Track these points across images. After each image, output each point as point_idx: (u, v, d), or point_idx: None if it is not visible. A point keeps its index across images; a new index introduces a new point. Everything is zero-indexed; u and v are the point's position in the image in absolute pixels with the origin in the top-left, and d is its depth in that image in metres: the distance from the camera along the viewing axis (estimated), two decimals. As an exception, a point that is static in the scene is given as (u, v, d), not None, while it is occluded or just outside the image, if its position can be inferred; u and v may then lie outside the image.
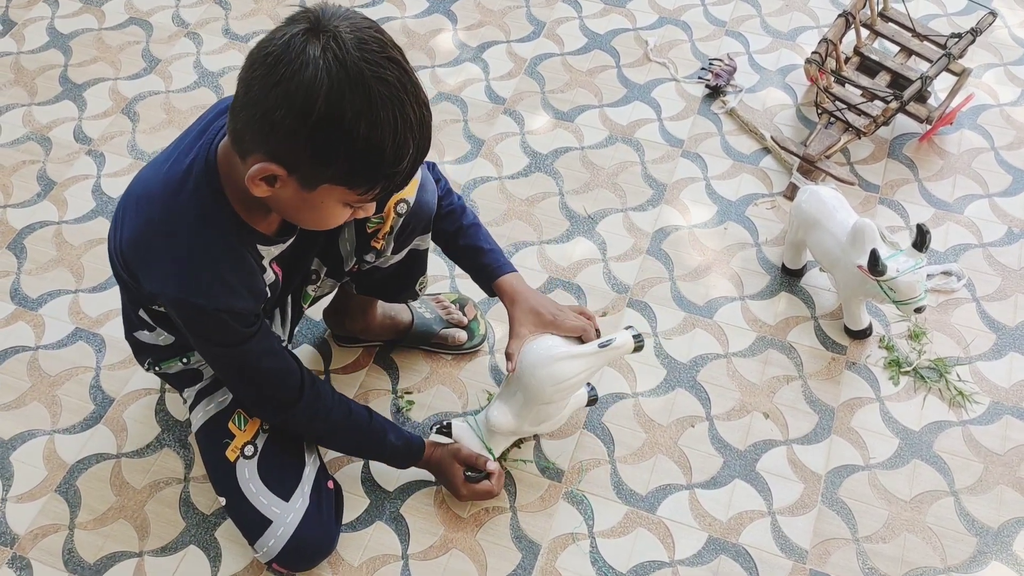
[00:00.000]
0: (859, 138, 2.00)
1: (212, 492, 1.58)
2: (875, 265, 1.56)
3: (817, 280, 1.86)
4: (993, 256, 1.90)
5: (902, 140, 2.10)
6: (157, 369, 1.52)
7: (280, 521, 1.41)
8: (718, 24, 2.36)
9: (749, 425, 1.67)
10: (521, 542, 1.55)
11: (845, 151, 2.07)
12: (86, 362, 1.76)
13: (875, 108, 1.97)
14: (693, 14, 2.38)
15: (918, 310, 1.61)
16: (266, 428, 1.46)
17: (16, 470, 1.63)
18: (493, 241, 1.55)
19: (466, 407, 1.70)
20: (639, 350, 1.51)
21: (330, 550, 1.50)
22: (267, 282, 1.31)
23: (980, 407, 1.69)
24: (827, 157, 1.98)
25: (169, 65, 2.29)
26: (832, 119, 2.02)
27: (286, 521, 1.42)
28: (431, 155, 2.08)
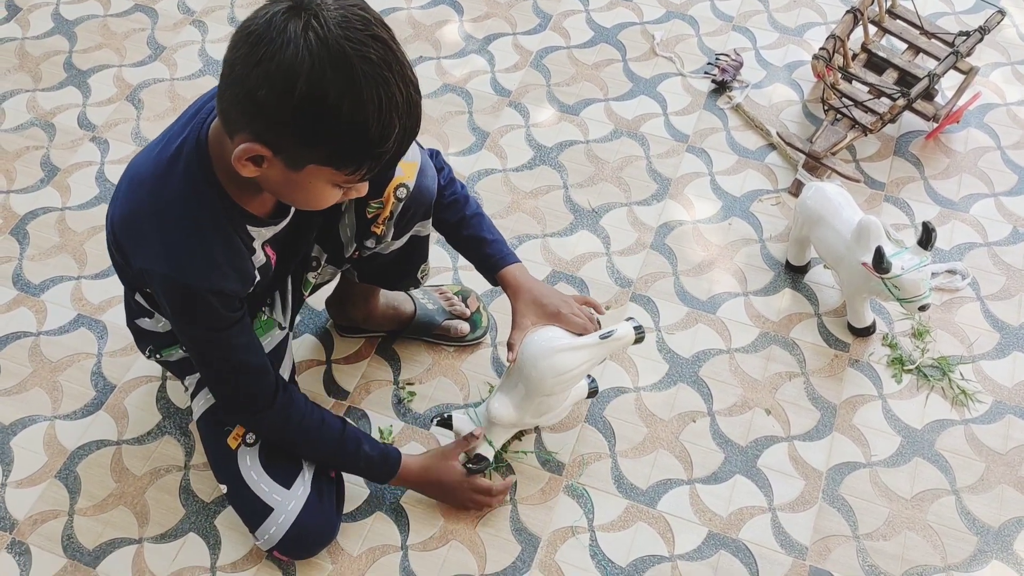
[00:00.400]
0: (865, 135, 2.00)
1: (212, 480, 1.58)
2: (880, 262, 1.56)
3: (821, 277, 1.86)
4: (998, 255, 1.89)
5: (908, 138, 2.09)
6: (158, 357, 1.52)
7: (281, 509, 1.41)
8: (725, 19, 2.35)
9: (751, 421, 1.67)
10: (521, 534, 1.54)
11: (851, 148, 2.07)
12: (88, 348, 1.76)
13: (882, 105, 1.97)
14: (700, 9, 2.37)
15: (922, 308, 1.61)
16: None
17: (16, 455, 1.63)
18: (497, 231, 1.54)
19: (468, 399, 1.70)
20: (640, 342, 1.50)
21: (331, 539, 1.49)
22: (257, 264, 1.29)
23: (983, 406, 1.69)
24: (833, 154, 1.97)
25: (174, 53, 2.29)
26: (838, 116, 2.01)
27: (287, 509, 1.41)
28: (434, 144, 2.08)
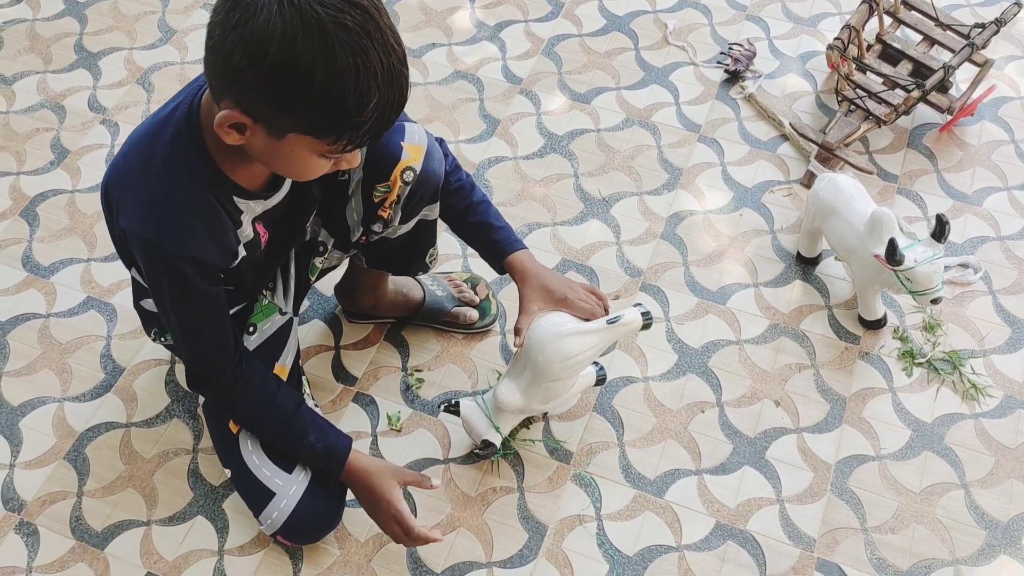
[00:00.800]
0: (879, 127, 1.98)
1: (220, 464, 1.58)
2: (893, 254, 1.55)
3: (832, 269, 1.85)
4: (1010, 249, 1.88)
5: (922, 130, 2.08)
6: (163, 340, 1.52)
7: (283, 493, 1.41)
8: (739, 8, 2.33)
9: (760, 412, 1.66)
10: (528, 522, 1.54)
11: (864, 140, 2.05)
12: (97, 331, 1.76)
13: (896, 97, 1.95)
14: (714, -2, 2.36)
15: (934, 301, 1.60)
16: None
17: (25, 436, 1.63)
18: (503, 218, 1.53)
19: (476, 386, 1.69)
20: (648, 328, 1.50)
21: (333, 525, 1.49)
22: (243, 239, 1.28)
23: (993, 400, 1.68)
24: (846, 145, 1.96)
25: (185, 36, 2.28)
26: (852, 107, 2.00)
27: (289, 493, 1.41)
28: (444, 131, 2.07)
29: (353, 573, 1.49)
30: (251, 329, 1.43)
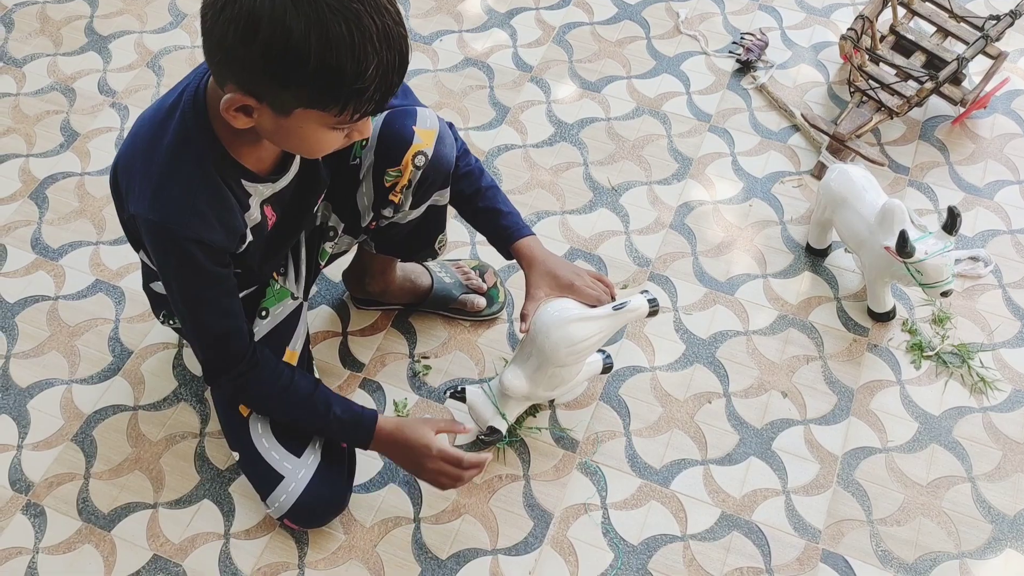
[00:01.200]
0: (891, 118, 1.97)
1: (227, 448, 1.58)
2: (904, 246, 1.54)
3: (841, 260, 1.84)
4: (1021, 243, 1.87)
5: (934, 122, 2.06)
6: (171, 322, 1.52)
7: (292, 477, 1.42)
8: (751, -2, 2.32)
9: (767, 403, 1.66)
10: (533, 510, 1.54)
11: (876, 131, 2.04)
12: (105, 314, 1.77)
13: (909, 88, 1.94)
14: (726, -13, 2.35)
15: (944, 294, 1.59)
16: None
17: (33, 418, 1.64)
18: (511, 204, 1.53)
19: (483, 374, 1.69)
20: (654, 315, 1.49)
21: (340, 509, 1.50)
22: (251, 223, 1.28)
23: (1001, 394, 1.67)
24: (858, 136, 1.95)
25: (195, 20, 2.27)
26: (864, 98, 1.99)
27: (297, 477, 1.42)
28: (454, 117, 2.06)
29: (358, 558, 1.49)
30: (263, 313, 1.43)
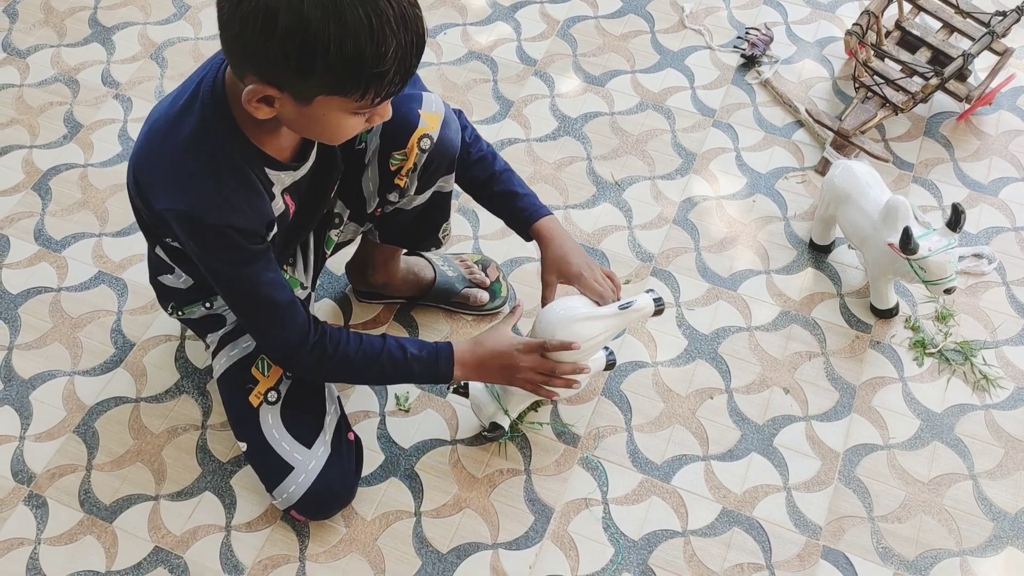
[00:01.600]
0: (896, 114, 1.96)
1: (229, 440, 1.59)
2: (907, 243, 1.54)
3: (844, 257, 1.84)
4: (1026, 241, 1.87)
5: (939, 119, 2.06)
6: (180, 314, 1.52)
7: (302, 468, 1.42)
8: (756, -7, 2.31)
9: (768, 399, 1.66)
10: (534, 505, 1.54)
11: (880, 127, 2.04)
12: (108, 306, 1.77)
13: (914, 84, 1.94)
14: (731, -19, 2.34)
15: (948, 291, 1.59)
16: (289, 375, 1.45)
17: (35, 409, 1.64)
18: (527, 186, 1.53)
19: (485, 368, 1.69)
20: (660, 314, 1.49)
21: (348, 500, 1.50)
22: (276, 212, 1.28)
23: (1004, 392, 1.67)
24: (862, 132, 1.94)
25: (199, 12, 2.27)
26: (869, 94, 1.98)
27: (308, 468, 1.42)
28: (458, 106, 2.05)
29: (359, 551, 1.50)
30: None
